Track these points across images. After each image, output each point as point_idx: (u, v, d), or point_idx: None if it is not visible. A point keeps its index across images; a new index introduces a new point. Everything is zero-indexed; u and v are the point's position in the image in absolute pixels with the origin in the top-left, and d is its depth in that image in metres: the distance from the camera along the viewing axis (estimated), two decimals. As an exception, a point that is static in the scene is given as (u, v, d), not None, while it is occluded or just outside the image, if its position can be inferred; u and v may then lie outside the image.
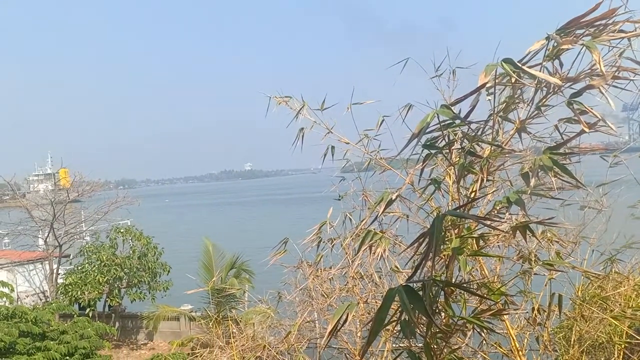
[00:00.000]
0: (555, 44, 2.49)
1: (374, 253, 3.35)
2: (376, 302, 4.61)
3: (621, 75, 2.72)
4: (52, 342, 13.41)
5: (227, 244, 23.06)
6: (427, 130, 2.47)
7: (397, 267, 4.47)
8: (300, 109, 4.66)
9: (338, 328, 2.37)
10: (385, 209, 2.93)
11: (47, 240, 24.49)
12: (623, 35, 2.53)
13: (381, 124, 4.58)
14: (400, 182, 4.45)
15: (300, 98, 4.73)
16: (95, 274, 21.12)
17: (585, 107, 2.62)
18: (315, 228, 4.68)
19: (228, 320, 9.51)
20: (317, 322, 5.60)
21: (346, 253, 4.65)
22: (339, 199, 5.14)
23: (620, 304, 4.50)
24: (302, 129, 4.66)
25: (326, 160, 4.80)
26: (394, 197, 2.92)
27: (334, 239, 4.82)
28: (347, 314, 2.37)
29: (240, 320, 10.21)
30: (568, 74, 2.69)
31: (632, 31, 2.54)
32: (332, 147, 4.74)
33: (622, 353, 4.49)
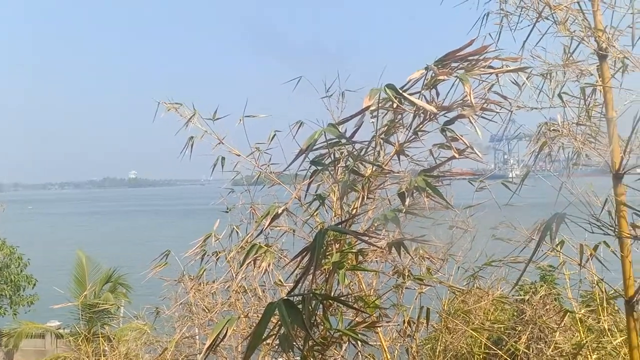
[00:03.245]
0: (433, 74, 2.67)
1: (259, 267, 3.37)
2: (258, 316, 4.60)
3: (489, 108, 2.99)
4: None
5: (104, 256, 21.72)
6: (315, 148, 2.55)
7: (280, 280, 4.51)
8: (191, 117, 4.58)
9: (217, 343, 2.34)
10: (271, 222, 2.96)
11: None
12: (492, 70, 2.77)
13: (273, 138, 4.64)
14: (289, 196, 4.52)
15: (192, 106, 4.66)
16: (-53, 286, 18.87)
17: (456, 135, 2.85)
18: (200, 240, 4.59)
19: (99, 337, 8.94)
20: (197, 337, 5.47)
21: (230, 266, 4.61)
22: (227, 212, 5.10)
23: (480, 317, 4.92)
24: (192, 137, 4.58)
25: (216, 172, 4.76)
26: (280, 211, 2.97)
27: (219, 252, 4.76)
28: (227, 328, 2.36)
29: (113, 338, 9.65)
30: (443, 103, 2.91)
31: (500, 67, 2.79)
32: (223, 158, 4.71)
33: (481, 363, 4.90)
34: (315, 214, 3.84)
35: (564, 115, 4.09)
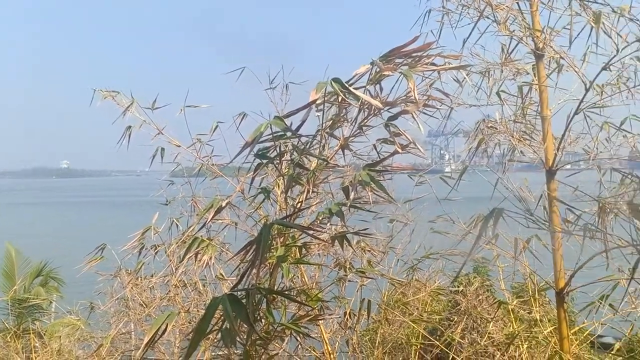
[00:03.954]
0: (378, 70, 2.68)
1: (200, 260, 3.31)
2: (198, 311, 4.53)
3: (430, 104, 3.04)
4: None
5: (35, 249, 20.70)
6: (260, 140, 2.52)
7: (222, 274, 4.45)
8: (129, 106, 4.41)
9: (156, 339, 2.28)
10: (214, 215, 2.91)
11: None
12: (435, 68, 2.81)
13: (215, 129, 4.55)
14: (231, 189, 4.46)
15: (130, 94, 4.49)
16: None
17: (400, 130, 2.89)
18: (138, 233, 4.45)
19: (30, 333, 8.54)
20: (133, 333, 5.32)
21: (170, 260, 4.50)
22: (167, 204, 4.96)
23: (418, 309, 5.05)
24: (130, 127, 4.42)
25: (155, 163, 4.61)
26: (224, 204, 2.92)
27: (158, 246, 4.63)
28: (167, 323, 2.31)
29: (44, 333, 9.25)
30: (387, 98, 2.95)
31: (442, 65, 2.85)
32: (162, 149, 4.57)
33: (417, 353, 5.04)
34: (259, 207, 3.81)
35: (502, 113, 4.24)
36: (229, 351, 2.57)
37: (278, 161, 2.88)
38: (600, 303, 3.90)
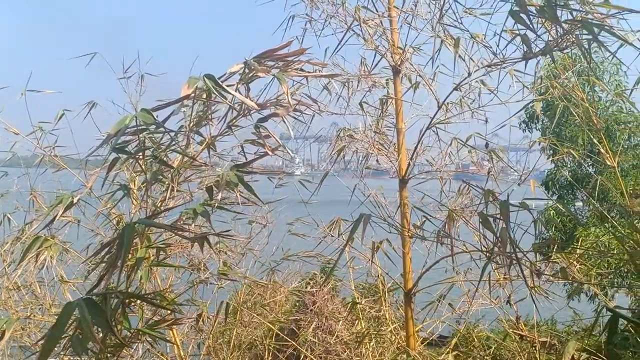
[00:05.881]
0: (250, 70, 2.66)
1: (38, 261, 3.01)
2: (34, 315, 4.10)
3: (298, 108, 3.10)
4: None
5: None
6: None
7: (62, 276, 4.08)
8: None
9: (-11, 348, 2.04)
10: (63, 212, 2.65)
11: None
12: (305, 73, 2.87)
13: (60, 117, 4.15)
14: (77, 184, 4.11)
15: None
16: None
17: (269, 132, 2.91)
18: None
19: None
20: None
21: (4, 261, 4.00)
22: None
23: (274, 310, 5.09)
24: None
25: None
26: (75, 200, 2.67)
27: (-14, 244, 4.09)
28: (4, 331, 2.10)
29: None
30: (257, 100, 2.94)
31: (312, 72, 2.92)
32: None
33: (271, 353, 5.09)
34: (116, 204, 3.56)
35: (364, 123, 4.48)
36: (80, 358, 2.36)
37: (140, 156, 2.71)
38: (439, 302, 4.30)
